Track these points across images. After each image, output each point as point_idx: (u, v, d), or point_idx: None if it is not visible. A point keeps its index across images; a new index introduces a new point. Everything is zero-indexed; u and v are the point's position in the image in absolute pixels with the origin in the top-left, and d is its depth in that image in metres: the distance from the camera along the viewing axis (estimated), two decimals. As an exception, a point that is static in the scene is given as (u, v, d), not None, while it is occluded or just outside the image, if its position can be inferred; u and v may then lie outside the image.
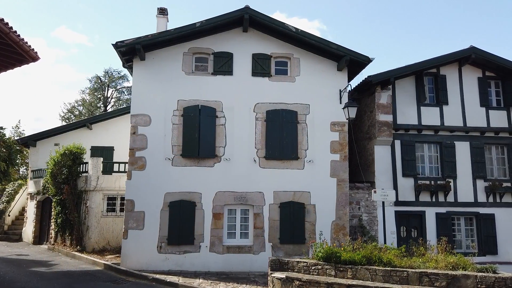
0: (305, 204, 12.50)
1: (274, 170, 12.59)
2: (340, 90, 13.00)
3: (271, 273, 9.03)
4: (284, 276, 8.56)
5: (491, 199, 13.86)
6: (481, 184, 13.88)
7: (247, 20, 12.59)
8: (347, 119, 11.76)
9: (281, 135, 12.71)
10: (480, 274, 7.66)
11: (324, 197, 12.54)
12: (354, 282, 8.03)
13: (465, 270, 7.96)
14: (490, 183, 13.80)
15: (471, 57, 13.84)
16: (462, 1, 47.75)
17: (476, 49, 13.84)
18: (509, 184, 13.90)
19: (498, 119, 14.23)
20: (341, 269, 8.50)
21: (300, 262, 9.09)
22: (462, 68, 14.37)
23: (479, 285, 7.53)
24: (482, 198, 13.83)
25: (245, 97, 12.84)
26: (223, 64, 12.96)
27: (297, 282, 8.32)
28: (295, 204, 12.47)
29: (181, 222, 12.09)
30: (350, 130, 13.40)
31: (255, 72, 13.01)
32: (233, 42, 13.10)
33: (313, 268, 8.82)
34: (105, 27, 58.33)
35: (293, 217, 12.39)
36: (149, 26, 61.72)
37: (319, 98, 12.97)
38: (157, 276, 10.92)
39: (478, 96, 14.29)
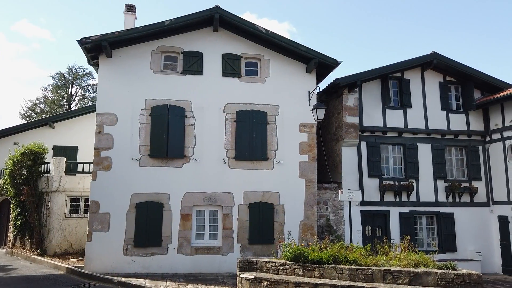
0: (274, 204, 12.59)
1: (244, 170, 12.59)
2: (309, 92, 13.19)
3: (239, 274, 9.02)
4: (252, 277, 8.57)
5: (450, 199, 14.50)
6: (441, 184, 14.49)
7: (217, 20, 12.53)
8: (315, 120, 11.96)
9: (251, 136, 12.74)
10: (440, 271, 7.99)
11: (292, 198, 12.68)
12: (321, 281, 8.16)
13: (426, 267, 8.27)
14: (450, 183, 14.42)
15: (433, 63, 14.42)
16: (427, 8, 49.70)
17: (438, 54, 14.44)
18: (467, 185, 14.59)
19: (458, 122, 14.90)
20: (309, 268, 8.61)
21: (269, 262, 9.14)
22: (424, 73, 14.94)
23: (439, 282, 7.85)
24: (442, 198, 14.44)
25: (215, 97, 12.77)
26: (192, 64, 12.83)
27: (266, 282, 8.35)
28: (264, 204, 12.53)
29: (148, 223, 11.85)
30: (318, 131, 13.62)
31: (225, 73, 12.98)
32: (203, 42, 13.00)
33: (281, 268, 8.89)
34: (69, 22, 56.32)
35: (262, 218, 12.44)
36: (117, 23, 60.17)
37: (288, 99, 13.10)
38: (123, 279, 10.65)
39: (439, 100, 14.91)
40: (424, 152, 14.53)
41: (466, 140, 14.99)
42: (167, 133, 12.31)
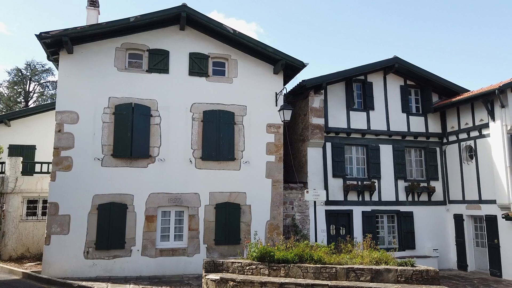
0: (240, 204, 12.59)
1: (211, 171, 12.51)
2: (276, 93, 13.31)
3: (205, 275, 8.96)
4: (218, 278, 8.54)
5: (410, 198, 15.09)
6: (401, 184, 15.05)
7: (184, 18, 12.38)
8: (282, 121, 12.08)
9: (218, 136, 12.68)
10: (400, 267, 8.31)
11: (259, 198, 12.74)
12: (287, 280, 8.25)
13: (387, 265, 8.56)
14: (410, 183, 15.01)
15: (394, 67, 14.96)
16: (391, 12, 51.46)
17: (399, 59, 14.99)
18: (425, 184, 15.24)
19: (417, 124, 15.53)
20: (275, 268, 8.69)
21: (235, 262, 9.14)
22: (386, 76, 15.47)
23: (399, 278, 8.16)
24: (402, 197, 15.00)
25: (182, 97, 12.61)
26: (158, 62, 12.60)
27: (232, 282, 8.34)
28: (231, 205, 12.51)
29: (111, 225, 11.52)
30: (285, 132, 13.77)
31: (192, 72, 12.84)
32: (169, 40, 12.80)
33: (247, 268, 8.91)
34: (26, 16, 53.67)
35: (228, 218, 12.41)
36: (79, 18, 58.00)
37: (256, 100, 13.16)
38: (83, 283, 10.30)
39: (400, 102, 15.47)
40: (386, 153, 15.04)
41: (424, 141, 15.65)
42: (131, 133, 12.02)
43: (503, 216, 12.73)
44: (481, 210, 13.93)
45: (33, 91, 33.35)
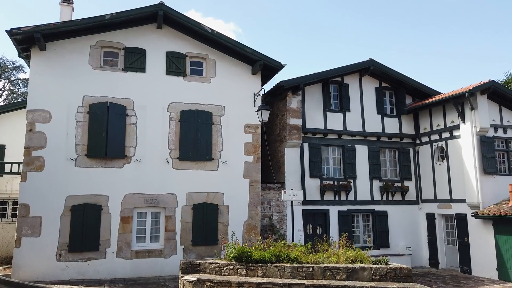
0: (218, 205, 12.55)
1: (188, 171, 12.42)
2: (254, 93, 13.34)
3: (182, 276, 8.88)
4: (195, 279, 8.49)
5: (384, 198, 15.43)
6: (376, 184, 15.37)
7: (161, 17, 12.24)
8: (260, 121, 12.12)
9: (196, 136, 12.60)
10: (375, 266, 8.49)
11: (237, 198, 12.73)
12: (264, 280, 8.29)
13: (362, 263, 8.73)
14: (384, 183, 15.35)
15: (370, 69, 15.27)
16: (367, 14, 52.45)
17: (375, 61, 15.31)
18: (399, 184, 15.62)
19: (391, 125, 15.91)
20: (252, 268, 8.71)
21: (212, 263, 9.10)
22: (362, 78, 15.76)
23: (373, 276, 8.33)
24: (377, 196, 15.32)
25: (159, 96, 12.47)
26: (135, 61, 12.41)
27: (209, 283, 8.31)
28: (209, 205, 12.45)
29: (85, 227, 11.26)
30: (263, 132, 13.82)
31: (170, 71, 12.71)
32: (146, 38, 12.63)
33: (225, 268, 8.90)
34: (-3, 10, 51.70)
35: (206, 219, 12.35)
36: (52, 14, 56.32)
37: (234, 100, 13.15)
38: (55, 286, 10.03)
39: (375, 104, 15.80)
40: (361, 153, 15.31)
41: (398, 142, 16.04)
42: (106, 132, 11.79)
43: (473, 215, 13.20)
44: (452, 209, 14.40)
45: (3, 89, 32.14)
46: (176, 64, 12.78)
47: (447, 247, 14.85)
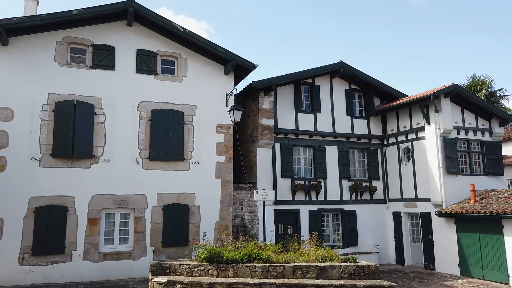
0: (189, 205, 12.44)
1: (158, 171, 12.23)
2: (226, 93, 13.31)
3: (152, 278, 8.74)
4: (165, 280, 8.38)
5: (353, 197, 15.78)
6: (346, 184, 15.69)
7: (131, 14, 11.99)
8: (232, 122, 12.11)
9: (167, 136, 12.42)
10: (344, 264, 8.68)
11: (208, 198, 12.66)
12: (235, 280, 8.29)
13: (331, 262, 8.89)
14: (353, 183, 15.70)
15: (340, 71, 15.57)
16: (338, 16, 53.48)
17: (345, 64, 15.63)
18: (367, 184, 16.01)
19: (360, 126, 16.29)
20: (223, 268, 8.69)
21: (183, 264, 9.01)
22: (333, 80, 16.06)
23: (343, 274, 8.51)
24: (346, 196, 15.65)
25: (128, 95, 12.21)
26: (103, 58, 12.10)
27: (179, 285, 8.22)
28: (180, 206, 12.31)
29: (49, 229, 10.86)
30: (235, 132, 13.81)
31: (140, 69, 12.48)
32: (116, 36, 12.34)
33: (195, 269, 8.83)
34: (-46, 1, 48.93)
35: (177, 220, 12.21)
36: (17, 9, 53.88)
37: (206, 100, 13.06)
38: (18, 292, 9.62)
39: (345, 105, 16.13)
40: (331, 153, 15.59)
41: (367, 143, 16.45)
42: (73, 131, 11.43)
43: (437, 213, 13.74)
44: (417, 208, 14.91)
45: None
46: (146, 63, 12.56)
47: (413, 245, 15.37)
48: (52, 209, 10.99)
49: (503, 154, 15.95)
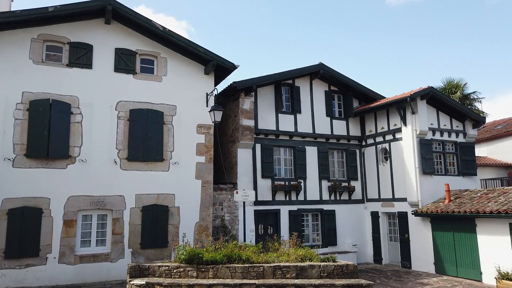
0: (169, 206, 12.31)
1: (137, 172, 12.06)
2: (207, 94, 13.25)
3: (130, 281, 8.62)
4: (144, 282, 8.27)
5: (332, 197, 15.97)
6: (325, 184, 15.87)
7: (110, 12, 11.78)
8: (213, 122, 12.06)
9: (146, 136, 12.26)
10: (323, 263, 8.78)
11: (188, 199, 12.56)
12: (215, 281, 8.27)
13: (311, 261, 8.99)
14: (332, 183, 15.89)
15: (320, 73, 15.74)
16: (319, 18, 54.01)
17: (324, 65, 15.81)
18: (346, 184, 16.24)
19: (339, 127, 16.51)
20: (203, 269, 8.65)
21: (162, 266, 8.92)
22: (313, 82, 16.22)
23: (322, 273, 8.62)
24: (325, 196, 15.82)
25: (106, 94, 11.99)
26: (81, 56, 11.84)
27: (158, 287, 8.15)
28: (159, 207, 12.17)
29: (23, 231, 10.54)
30: (215, 133, 13.76)
31: (118, 68, 12.27)
32: (93, 34, 12.10)
33: (175, 271, 8.76)
34: None
35: (156, 221, 12.06)
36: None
37: (186, 100, 12.96)
38: (-11, 297, 9.31)
39: (324, 107, 16.31)
40: (311, 154, 15.74)
41: (346, 144, 16.69)
42: (48, 131, 11.13)
43: (413, 212, 14.06)
44: (394, 208, 15.22)
45: None
46: (125, 61, 12.37)
47: (390, 244, 15.68)
48: (26, 210, 10.68)
49: (476, 155, 16.45)
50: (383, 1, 51.98)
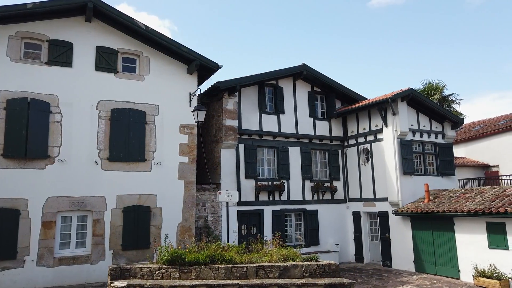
0: (151, 207, 12.18)
1: (119, 172, 11.88)
2: (190, 93, 13.16)
3: (111, 283, 8.48)
4: (125, 284, 8.16)
5: (315, 197, 16.10)
6: (308, 184, 15.99)
7: (90, 10, 11.59)
8: (196, 122, 11.99)
9: (128, 136, 12.10)
10: (306, 263, 8.84)
11: (171, 200, 12.46)
12: (198, 282, 8.22)
13: (294, 261, 9.04)
14: (315, 183, 16.02)
15: (303, 73, 15.85)
16: (304, 19, 54.34)
17: (307, 66, 15.92)
18: (328, 184, 16.40)
19: (322, 128, 16.66)
20: (186, 270, 8.60)
21: (144, 267, 8.82)
22: (296, 82, 16.31)
23: (304, 273, 8.67)
24: (308, 196, 15.94)
25: (87, 93, 11.78)
26: (60, 54, 11.60)
27: (140, 289, 8.04)
28: (141, 207, 12.02)
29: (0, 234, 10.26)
30: (199, 133, 13.69)
31: (100, 67, 12.07)
32: (74, 31, 11.87)
33: (157, 272, 8.67)
34: None
35: (138, 222, 11.91)
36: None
37: (168, 99, 12.85)
38: (-37, 301, 9.02)
39: (307, 107, 16.43)
40: (294, 154, 15.83)
41: (328, 144, 16.85)
42: (26, 130, 10.86)
43: (393, 212, 14.30)
44: (375, 207, 15.46)
45: None
46: (106, 60, 12.18)
47: (371, 243, 15.91)
48: (3, 212, 10.38)
49: (454, 155, 16.86)
50: (365, 3, 52.75)
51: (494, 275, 11.13)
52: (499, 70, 50.01)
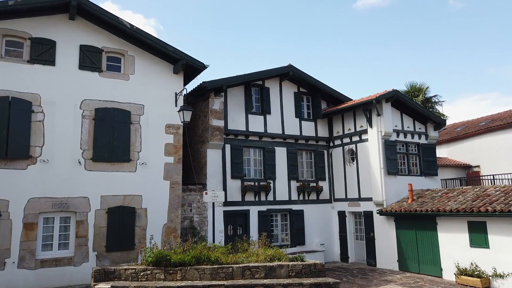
0: (136, 208, 12.05)
1: (103, 173, 11.72)
2: (176, 93, 13.07)
3: (94, 285, 8.37)
4: (109, 286, 8.07)
5: (301, 197, 16.18)
6: (294, 184, 16.05)
7: (74, 7, 11.39)
8: (182, 122, 11.91)
9: (112, 136, 11.94)
10: (292, 263, 8.88)
11: (156, 200, 12.35)
12: (183, 283, 8.18)
13: (280, 261, 9.07)
14: (301, 183, 16.09)
15: (289, 74, 15.91)
16: (291, 19, 54.57)
17: (293, 67, 15.99)
18: (314, 184, 16.50)
19: (308, 129, 16.75)
20: (171, 271, 8.54)
21: (128, 269, 8.73)
22: (282, 83, 16.37)
23: (290, 273, 8.71)
24: (294, 196, 16.01)
25: (70, 92, 11.58)
26: (43, 52, 11.37)
27: (125, 290, 7.95)
28: (125, 208, 11.88)
29: (-21, 236, 10.00)
30: (184, 133, 13.60)
31: (83, 66, 11.88)
32: (57, 29, 11.65)
33: (142, 274, 8.59)
34: None
35: (122, 223, 11.76)
36: None
37: (154, 99, 12.74)
38: None
39: (294, 108, 16.51)
40: (281, 155, 15.88)
41: (314, 145, 16.96)
42: (7, 130, 10.62)
43: (378, 212, 14.48)
44: (360, 207, 15.62)
45: None
46: (90, 59, 12.00)
47: (356, 243, 16.07)
48: (-18, 214, 10.13)
49: (437, 156, 17.17)
50: (350, 5, 53.29)
51: (475, 273, 11.37)
52: (481, 72, 51.21)
